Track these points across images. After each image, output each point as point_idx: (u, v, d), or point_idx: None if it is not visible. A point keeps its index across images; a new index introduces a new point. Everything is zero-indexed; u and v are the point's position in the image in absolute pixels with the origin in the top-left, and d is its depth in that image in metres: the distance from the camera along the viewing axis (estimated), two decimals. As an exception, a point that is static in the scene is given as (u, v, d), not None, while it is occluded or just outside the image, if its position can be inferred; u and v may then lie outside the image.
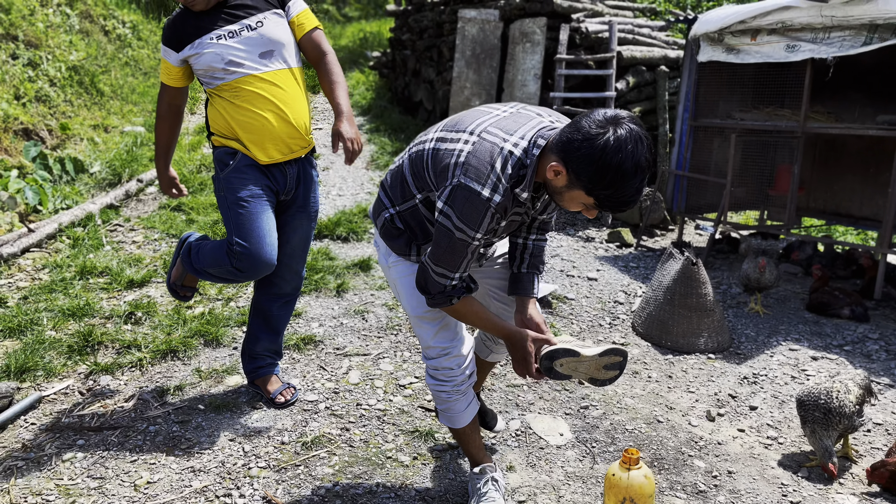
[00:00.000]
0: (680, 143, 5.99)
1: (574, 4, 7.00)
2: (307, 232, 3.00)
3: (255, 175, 2.74)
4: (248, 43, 2.66)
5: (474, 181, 1.86)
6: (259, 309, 3.06)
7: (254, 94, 2.65)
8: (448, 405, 2.37)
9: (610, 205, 1.84)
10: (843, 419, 2.68)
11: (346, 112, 2.75)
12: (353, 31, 17.08)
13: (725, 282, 5.21)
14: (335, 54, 2.91)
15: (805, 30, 4.89)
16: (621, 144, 1.74)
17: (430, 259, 2.00)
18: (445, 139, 2.02)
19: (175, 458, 2.68)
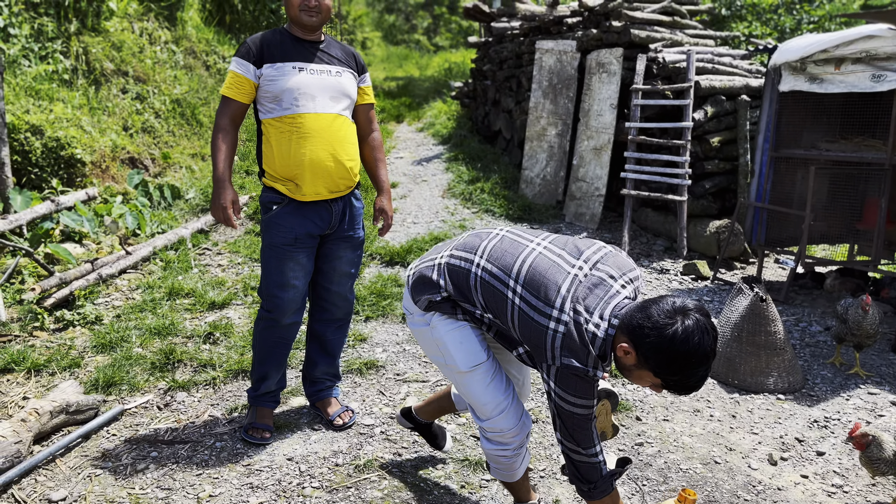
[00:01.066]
0: (760, 173, 5.82)
1: (652, 34, 6.96)
2: (352, 259, 3.14)
3: (297, 220, 2.90)
4: (325, 84, 2.86)
5: (577, 361, 1.99)
6: (314, 334, 3.23)
7: (315, 131, 2.83)
8: (508, 464, 2.39)
9: (676, 389, 1.94)
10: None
11: (387, 190, 3.15)
12: (439, 61, 17.48)
13: (806, 319, 5.00)
14: (381, 133, 3.15)
15: (891, 59, 4.69)
16: (689, 336, 1.84)
17: (570, 445, 2.09)
18: (534, 306, 2.06)
19: (236, 474, 2.84)
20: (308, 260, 2.99)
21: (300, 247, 2.93)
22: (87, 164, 6.68)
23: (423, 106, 12.39)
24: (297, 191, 2.88)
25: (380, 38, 29.70)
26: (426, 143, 10.33)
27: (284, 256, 2.92)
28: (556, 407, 2.07)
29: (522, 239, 2.24)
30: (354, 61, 3.04)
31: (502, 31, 9.53)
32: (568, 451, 2.11)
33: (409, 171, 8.84)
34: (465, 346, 2.29)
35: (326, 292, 3.15)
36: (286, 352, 3.13)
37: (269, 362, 3.08)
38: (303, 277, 2.99)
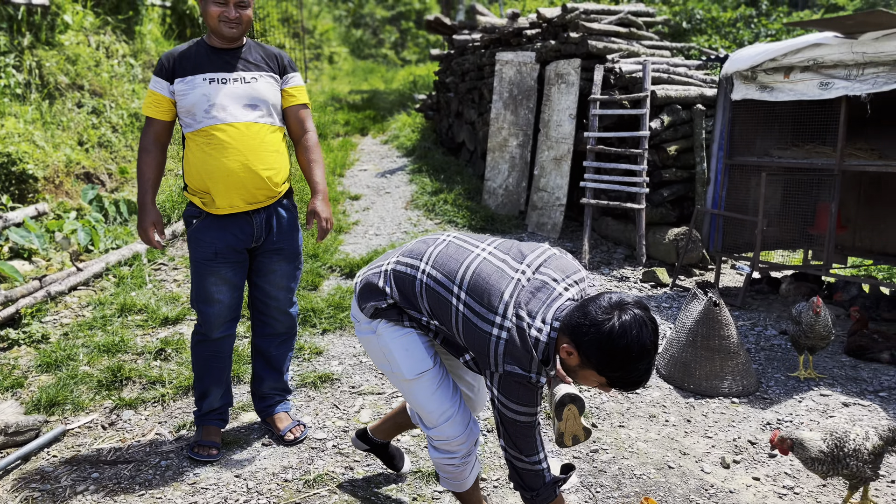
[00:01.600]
0: (715, 181, 5.90)
1: (609, 45, 7.04)
2: (288, 272, 3.06)
3: (216, 234, 2.84)
4: (236, 93, 2.78)
5: (520, 368, 1.97)
6: (258, 350, 3.17)
7: (225, 142, 2.75)
8: (454, 473, 2.36)
9: (621, 385, 1.93)
10: (851, 463, 2.56)
11: (322, 191, 2.96)
12: (405, 74, 17.52)
13: (761, 323, 5.06)
14: (317, 133, 3.05)
15: (838, 67, 4.79)
16: (626, 331, 1.83)
17: (514, 453, 2.07)
18: (477, 312, 2.04)
19: (181, 493, 2.76)
20: (234, 274, 2.91)
21: (222, 261, 2.86)
22: (40, 179, 6.52)
23: (387, 118, 12.38)
24: (212, 204, 2.81)
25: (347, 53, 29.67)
26: (390, 155, 10.31)
27: (206, 271, 2.86)
28: (499, 414, 2.04)
29: (468, 244, 2.22)
30: (277, 63, 2.95)
31: (464, 44, 9.58)
32: (511, 459, 2.09)
33: (372, 183, 8.80)
34: (410, 354, 2.26)
35: (265, 307, 3.08)
36: (223, 366, 3.05)
37: (207, 378, 3.02)
38: (228, 292, 2.92)
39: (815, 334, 3.92)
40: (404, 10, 33.54)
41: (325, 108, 12.93)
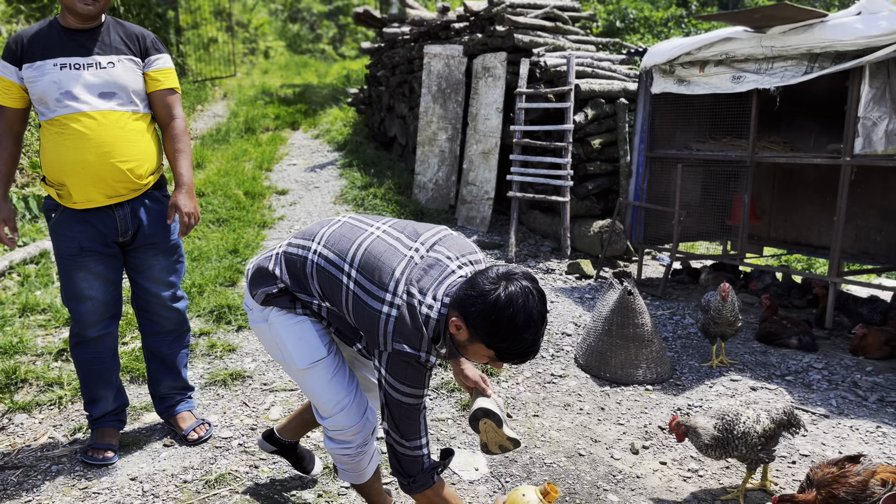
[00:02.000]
0: (636, 174, 6.00)
1: (535, 39, 7.08)
2: (167, 266, 2.90)
3: (78, 227, 2.67)
4: (90, 80, 2.59)
5: (408, 347, 1.92)
6: (150, 350, 3.03)
7: (80, 133, 2.57)
8: (352, 465, 2.29)
9: (508, 356, 1.90)
10: (741, 447, 2.61)
11: (187, 184, 2.78)
12: (338, 68, 17.31)
13: (680, 312, 5.16)
14: (185, 121, 2.88)
15: (749, 60, 4.92)
16: (512, 300, 1.81)
17: (395, 437, 2.00)
18: (367, 290, 1.99)
19: (70, 499, 2.62)
20: (105, 268, 2.75)
21: (88, 256, 2.69)
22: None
23: (319, 113, 12.19)
24: (69, 197, 2.64)
25: (284, 48, 29.16)
26: (321, 149, 10.15)
27: (73, 267, 2.70)
28: (385, 395, 1.98)
29: (362, 224, 2.16)
30: (139, 44, 2.74)
31: (394, 37, 9.50)
32: (392, 443, 2.03)
33: (301, 177, 8.64)
34: (303, 343, 2.19)
35: (148, 304, 2.92)
36: (107, 367, 2.88)
37: (93, 382, 2.86)
38: (100, 287, 2.75)
39: (723, 320, 4.00)
40: (342, 4, 33.15)
41: (255, 101, 12.65)
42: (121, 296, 2.87)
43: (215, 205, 6.97)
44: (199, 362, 3.87)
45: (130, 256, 2.84)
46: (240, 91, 13.83)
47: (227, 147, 9.66)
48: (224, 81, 14.82)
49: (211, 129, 10.71)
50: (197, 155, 8.82)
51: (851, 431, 3.35)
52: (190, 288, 4.80)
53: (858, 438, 3.28)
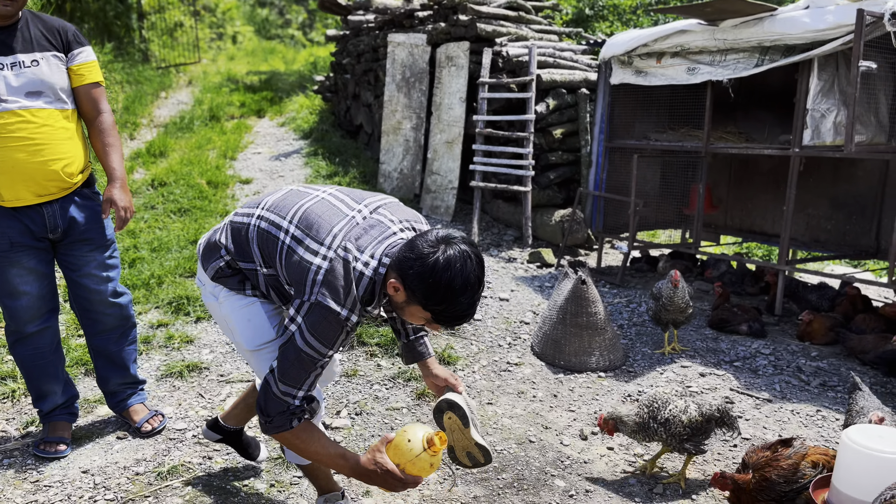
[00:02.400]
0: (596, 163, 6.08)
1: (498, 29, 7.11)
2: (102, 262, 2.87)
3: (7, 223, 2.63)
4: (17, 79, 2.54)
5: (332, 300, 1.90)
6: (96, 350, 3.01)
7: (8, 132, 2.52)
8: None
9: (445, 319, 1.91)
10: (663, 433, 2.71)
11: (119, 178, 2.77)
12: (305, 55, 17.16)
13: (637, 300, 5.27)
14: (112, 115, 2.85)
15: (703, 53, 5.01)
16: (450, 263, 1.83)
17: (276, 375, 1.97)
18: (302, 243, 2.00)
19: (22, 492, 2.63)
20: (38, 262, 2.72)
21: (20, 251, 2.67)
22: None
23: (285, 100, 12.09)
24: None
25: (252, 33, 28.74)
26: (287, 137, 10.08)
27: (6, 263, 2.66)
28: (288, 337, 1.95)
29: (307, 189, 2.21)
30: (59, 38, 2.66)
31: (358, 25, 9.46)
32: (269, 380, 1.99)
33: (265, 166, 8.59)
34: (252, 325, 2.22)
35: (88, 303, 2.89)
36: (50, 362, 2.87)
37: (37, 378, 2.85)
38: (34, 282, 2.73)
39: (674, 307, 4.09)
40: (311, -11, 32.73)
41: (220, 89, 12.51)
42: (56, 290, 2.85)
43: (177, 194, 6.91)
44: (156, 354, 3.87)
45: (64, 254, 2.80)
46: (205, 78, 13.65)
47: (190, 135, 9.55)
48: (189, 68, 14.62)
49: (174, 117, 10.57)
50: (160, 143, 8.72)
51: (792, 415, 3.47)
52: (149, 279, 4.78)
53: (798, 422, 3.41)
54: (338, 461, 2.04)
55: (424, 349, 2.41)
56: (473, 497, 2.72)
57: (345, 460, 2.02)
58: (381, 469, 1.96)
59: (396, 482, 1.98)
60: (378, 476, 1.98)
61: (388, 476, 1.97)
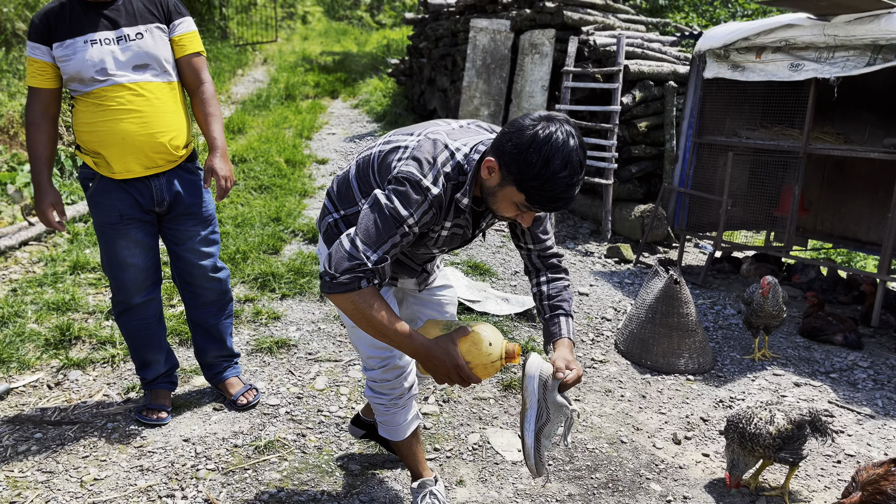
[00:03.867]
0: (683, 159, 5.91)
1: (584, 17, 6.96)
2: (205, 237, 2.90)
3: (117, 196, 2.67)
4: (123, 53, 2.57)
5: (415, 169, 1.86)
6: (195, 322, 3.06)
7: (118, 105, 2.56)
8: (387, 417, 2.35)
9: (539, 199, 1.79)
10: (757, 447, 2.61)
11: (220, 147, 2.77)
12: (378, 37, 17.20)
13: (721, 302, 5.11)
14: (213, 84, 2.85)
15: (809, 49, 4.79)
16: (550, 136, 1.74)
17: (351, 232, 1.87)
18: (392, 142, 2.03)
19: (126, 457, 2.70)
20: (145, 235, 2.76)
21: (129, 223, 2.70)
22: (-8, 129, 6.27)
23: (358, 82, 12.16)
24: (107, 168, 2.63)
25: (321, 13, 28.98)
26: (360, 119, 10.14)
27: (115, 235, 2.70)
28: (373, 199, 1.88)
29: None
30: (161, 10, 2.67)
31: (439, 8, 9.40)
32: (341, 240, 1.88)
33: (340, 147, 8.66)
34: None
35: (190, 276, 2.93)
36: (153, 332, 2.93)
37: (142, 348, 2.92)
38: (141, 254, 2.77)
39: (765, 314, 3.97)
40: (382, -29, 32.80)
41: (296, 68, 12.66)
42: (160, 262, 2.91)
43: (257, 171, 7.02)
44: (245, 328, 3.93)
45: (168, 228, 2.84)
46: (280, 57, 13.83)
47: (267, 113, 9.70)
48: (264, 46, 14.83)
49: (251, 95, 10.75)
50: (238, 120, 8.87)
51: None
52: (234, 254, 4.86)
53: (905, 441, 3.25)
54: (402, 338, 1.92)
55: (557, 330, 2.15)
56: (568, 494, 2.68)
57: (410, 339, 1.92)
58: (450, 363, 1.90)
59: (459, 378, 1.93)
60: (443, 366, 1.91)
61: (454, 370, 1.91)
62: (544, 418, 1.97)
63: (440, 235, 2.03)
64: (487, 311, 4.36)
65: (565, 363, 2.02)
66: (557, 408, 1.97)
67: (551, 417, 1.97)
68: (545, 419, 1.97)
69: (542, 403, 1.97)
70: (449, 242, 2.11)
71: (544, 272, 2.22)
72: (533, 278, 2.24)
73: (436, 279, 2.46)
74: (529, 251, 2.22)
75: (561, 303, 2.18)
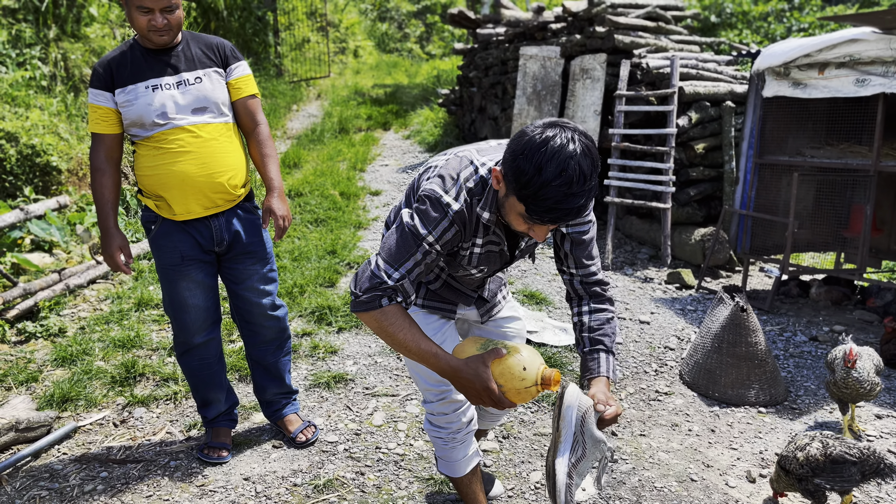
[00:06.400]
0: (744, 180, 5.73)
1: (636, 40, 6.88)
2: (263, 275, 2.92)
3: (178, 237, 2.71)
4: (183, 97, 2.63)
5: (438, 186, 1.85)
6: (254, 360, 3.07)
7: (178, 147, 2.61)
8: (446, 452, 2.31)
9: (537, 210, 1.67)
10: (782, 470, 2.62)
11: (277, 187, 2.80)
12: (428, 68, 17.42)
13: (790, 328, 4.89)
14: (268, 125, 2.89)
15: (875, 63, 4.61)
16: (546, 142, 1.63)
17: (377, 252, 1.88)
18: (429, 164, 2.03)
19: (189, 496, 2.71)
20: (206, 276, 2.80)
21: (189, 264, 2.75)
22: (63, 171, 6.55)
23: (410, 113, 12.30)
24: (168, 210, 2.68)
25: (372, 47, 29.61)
26: (412, 150, 10.23)
27: (176, 276, 2.75)
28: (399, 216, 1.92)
29: None
30: (218, 55, 2.75)
31: (488, 38, 9.46)
32: (369, 259, 1.88)
33: (393, 178, 8.73)
34: None
35: (249, 315, 2.95)
36: (214, 372, 2.96)
37: (204, 387, 2.95)
38: (202, 295, 2.81)
39: (850, 390, 3.20)
40: (430, 4, 33.37)
41: (348, 102, 12.89)
42: (219, 301, 2.94)
43: (312, 205, 7.12)
44: (303, 363, 3.95)
45: (228, 268, 2.88)
46: (333, 91, 14.13)
47: (321, 147, 9.88)
48: (318, 81, 15.18)
49: (306, 129, 10.98)
50: (293, 155, 9.06)
51: None
52: (291, 288, 4.92)
53: None
54: (429, 357, 1.86)
55: (595, 366, 2.02)
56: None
57: (437, 359, 1.85)
58: (480, 384, 1.81)
59: (491, 401, 1.83)
60: (472, 388, 1.83)
61: (484, 393, 1.82)
62: (580, 453, 1.86)
63: (472, 253, 1.99)
64: (545, 341, 4.28)
65: (605, 398, 1.92)
66: (595, 443, 1.86)
67: (587, 453, 1.86)
68: (581, 454, 1.86)
69: (578, 436, 1.86)
70: (486, 262, 2.05)
71: (587, 300, 2.12)
72: (575, 306, 2.14)
73: (501, 310, 2.41)
74: (572, 276, 2.12)
75: (602, 337, 2.06)
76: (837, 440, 2.58)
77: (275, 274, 3.00)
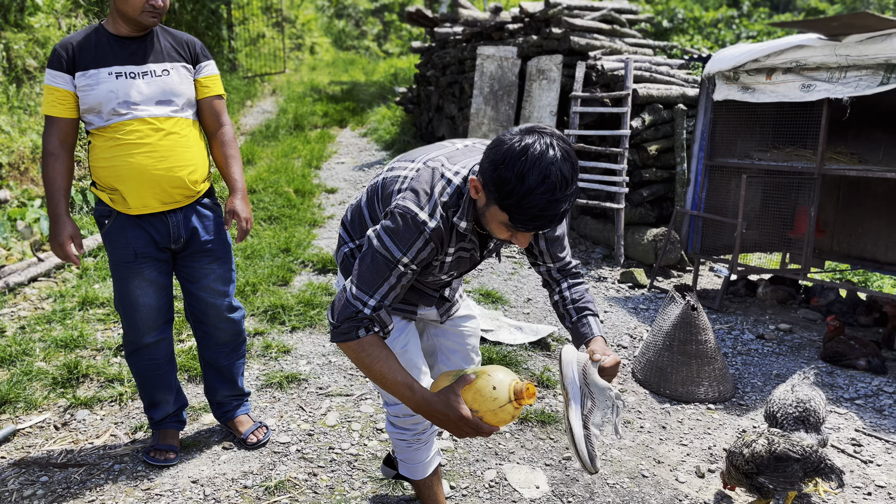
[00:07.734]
0: (695, 182, 5.85)
1: (592, 42, 6.96)
2: (221, 274, 2.85)
3: (132, 233, 2.62)
4: (148, 87, 2.55)
5: (411, 202, 1.79)
6: (206, 361, 3.00)
7: (136, 139, 2.53)
8: (409, 455, 2.28)
9: (521, 218, 1.65)
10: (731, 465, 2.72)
11: (241, 189, 2.77)
12: (386, 66, 17.34)
13: (738, 327, 5.01)
14: (233, 127, 2.83)
15: (820, 69, 4.74)
16: (526, 150, 1.60)
17: (351, 280, 1.84)
18: (394, 169, 1.98)
19: (133, 500, 2.63)
20: (159, 274, 2.71)
21: (143, 262, 2.66)
22: (4, 165, 6.30)
23: (367, 111, 12.22)
24: (124, 203, 2.59)
25: (329, 44, 29.35)
26: (369, 148, 10.16)
27: (128, 274, 2.65)
28: (367, 240, 1.84)
29: None
30: (188, 51, 2.68)
31: (445, 37, 9.46)
32: (345, 286, 1.85)
33: (349, 176, 8.65)
34: None
35: (204, 315, 2.87)
36: (164, 372, 2.87)
37: (151, 388, 2.86)
38: (154, 294, 2.72)
39: None
40: (388, 2, 33.26)
41: (304, 98, 12.74)
42: (172, 301, 2.85)
43: (266, 202, 7.01)
44: (255, 363, 3.87)
45: (183, 266, 2.79)
46: (289, 87, 13.94)
47: (276, 144, 9.73)
48: (273, 78, 14.97)
49: (260, 126, 10.81)
50: (247, 151, 8.90)
51: (930, 463, 3.19)
52: (244, 286, 4.82)
53: (938, 471, 3.13)
54: (403, 390, 1.83)
55: (589, 330, 2.06)
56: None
57: (411, 392, 1.83)
58: (453, 414, 1.77)
59: (470, 430, 1.79)
60: (447, 420, 1.79)
61: (461, 423, 1.78)
62: (590, 404, 1.86)
63: (444, 262, 1.97)
64: (500, 340, 4.28)
65: (602, 350, 1.95)
66: (601, 391, 1.86)
67: (597, 402, 1.87)
68: (591, 405, 1.86)
69: (584, 389, 1.87)
70: (456, 266, 2.03)
71: (565, 279, 2.16)
72: (554, 287, 2.17)
73: (458, 309, 2.39)
74: (549, 269, 2.16)
75: (587, 304, 2.11)
76: (783, 438, 2.64)
77: (233, 275, 2.93)
